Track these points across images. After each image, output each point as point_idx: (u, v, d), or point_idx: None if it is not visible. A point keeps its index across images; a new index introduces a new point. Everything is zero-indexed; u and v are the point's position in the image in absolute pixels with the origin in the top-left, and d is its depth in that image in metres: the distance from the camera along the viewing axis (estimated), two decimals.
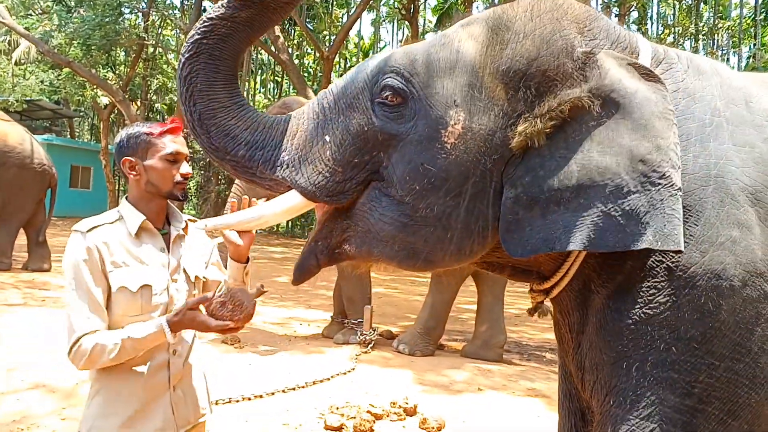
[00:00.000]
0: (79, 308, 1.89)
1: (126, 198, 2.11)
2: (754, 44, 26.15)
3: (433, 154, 1.74)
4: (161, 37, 23.16)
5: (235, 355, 6.06)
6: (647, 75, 1.71)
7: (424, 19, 33.00)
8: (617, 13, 22.09)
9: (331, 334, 7.18)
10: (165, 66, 24.44)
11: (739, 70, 27.10)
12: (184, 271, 2.11)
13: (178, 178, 2.05)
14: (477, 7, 35.59)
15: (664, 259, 1.67)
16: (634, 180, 1.61)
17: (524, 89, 1.72)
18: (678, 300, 1.65)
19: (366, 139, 1.80)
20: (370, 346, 6.64)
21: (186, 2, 25.00)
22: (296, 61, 23.08)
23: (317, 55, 22.10)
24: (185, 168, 2.06)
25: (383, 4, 30.29)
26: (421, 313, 6.85)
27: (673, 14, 28.85)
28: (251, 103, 2.01)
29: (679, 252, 1.64)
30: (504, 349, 6.75)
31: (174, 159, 2.03)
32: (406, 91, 1.78)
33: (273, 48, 15.26)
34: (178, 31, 23.19)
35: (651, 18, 29.76)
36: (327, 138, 1.83)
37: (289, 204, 1.85)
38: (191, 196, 27.69)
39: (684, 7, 27.25)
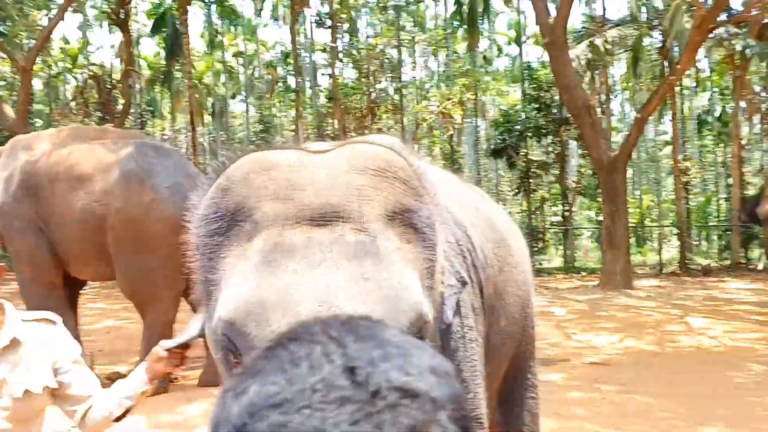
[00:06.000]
0: None
1: None
2: (447, 54, 30.05)
3: None
4: None
5: None
6: None
7: (139, 23, 31.31)
8: (330, 25, 23.14)
9: None
10: None
11: (437, 73, 30.25)
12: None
13: None
14: (194, 13, 34.71)
15: None
16: None
17: None
18: None
19: None
20: None
21: None
22: None
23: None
24: None
25: (91, 6, 28.01)
26: None
27: (380, 28, 31.47)
28: None
29: None
30: None
31: None
32: None
33: None
34: None
35: (358, 32, 31.89)
36: None
37: None
38: None
39: (388, 19, 29.89)
